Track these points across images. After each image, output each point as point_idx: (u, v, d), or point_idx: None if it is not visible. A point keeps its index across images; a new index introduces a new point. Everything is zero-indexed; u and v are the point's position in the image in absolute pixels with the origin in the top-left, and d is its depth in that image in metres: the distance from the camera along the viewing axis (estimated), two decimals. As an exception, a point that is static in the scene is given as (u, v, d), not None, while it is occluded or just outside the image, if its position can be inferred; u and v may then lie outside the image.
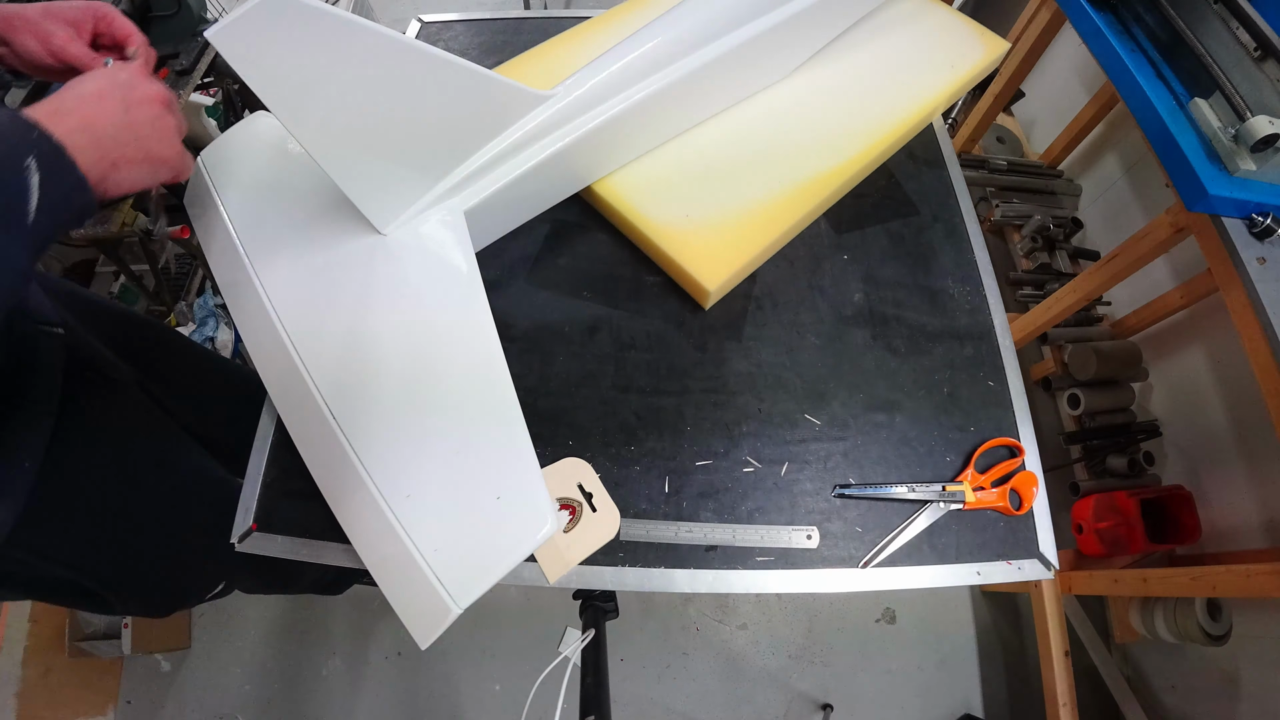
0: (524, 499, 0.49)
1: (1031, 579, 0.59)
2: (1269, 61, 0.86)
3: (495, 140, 0.62)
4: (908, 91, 0.81)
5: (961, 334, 0.70)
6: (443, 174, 0.61)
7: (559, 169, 0.67)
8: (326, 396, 0.54)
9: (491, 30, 0.97)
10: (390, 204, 0.60)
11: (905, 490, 0.61)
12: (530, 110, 0.63)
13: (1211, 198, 0.81)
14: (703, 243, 0.68)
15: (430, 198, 0.61)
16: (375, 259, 0.60)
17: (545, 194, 0.72)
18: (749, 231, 0.69)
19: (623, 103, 0.67)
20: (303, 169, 0.65)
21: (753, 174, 0.73)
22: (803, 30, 0.78)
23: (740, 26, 0.71)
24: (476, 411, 0.53)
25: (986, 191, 1.88)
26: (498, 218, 0.69)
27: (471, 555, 0.48)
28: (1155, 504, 1.29)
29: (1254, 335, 0.84)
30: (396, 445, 0.52)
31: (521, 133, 0.63)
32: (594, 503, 0.59)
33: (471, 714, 1.30)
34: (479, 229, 0.64)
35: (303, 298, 0.59)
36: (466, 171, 0.62)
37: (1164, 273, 1.51)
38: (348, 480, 0.52)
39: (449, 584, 0.46)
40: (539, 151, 0.65)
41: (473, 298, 0.58)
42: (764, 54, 0.76)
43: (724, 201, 0.71)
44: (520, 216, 0.72)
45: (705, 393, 0.65)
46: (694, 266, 0.66)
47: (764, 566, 0.58)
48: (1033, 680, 1.38)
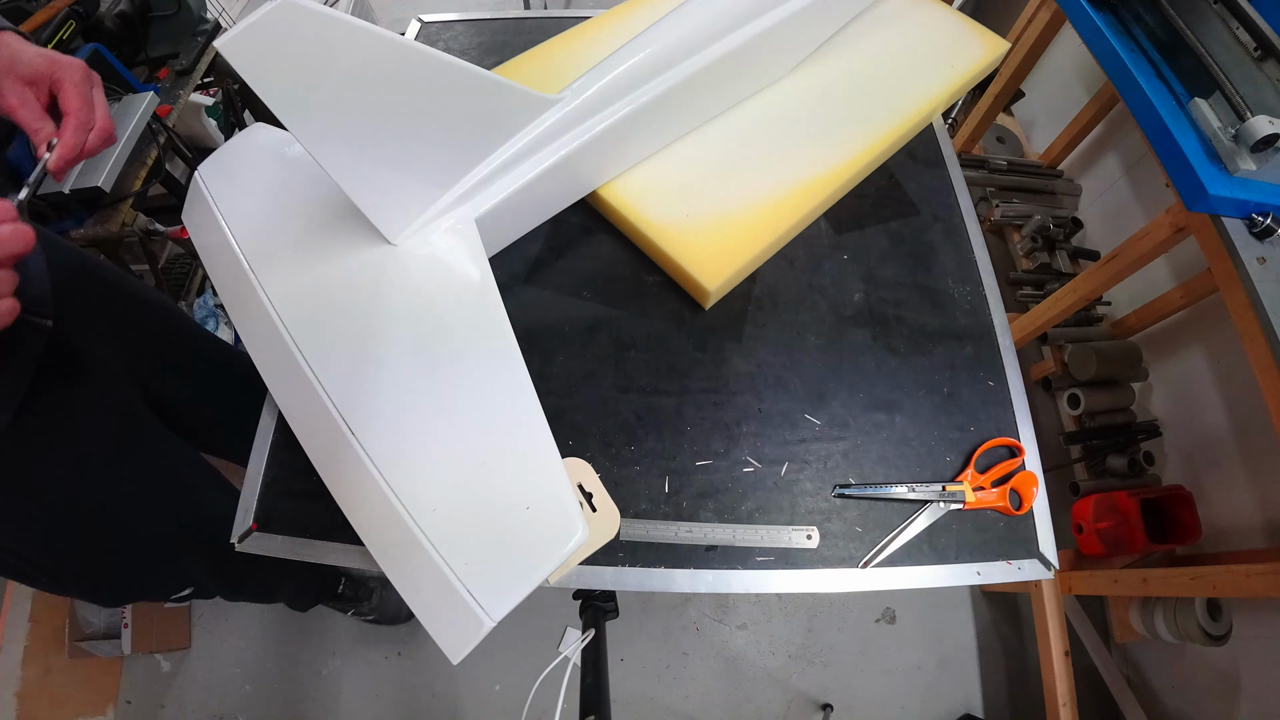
0: (553, 508, 0.48)
1: (1031, 579, 0.59)
2: (1269, 61, 0.87)
3: (505, 146, 0.62)
4: (908, 91, 0.81)
5: (961, 334, 0.70)
6: (453, 181, 0.60)
7: (569, 173, 0.67)
8: (343, 412, 0.53)
9: (491, 30, 0.97)
10: (401, 213, 0.59)
11: (905, 490, 0.61)
12: (539, 115, 0.63)
13: (1211, 198, 0.81)
14: (703, 243, 0.68)
15: (441, 205, 0.61)
16: (387, 269, 0.59)
17: (555, 199, 0.71)
18: (749, 231, 0.69)
19: (630, 105, 0.67)
20: (305, 180, 0.64)
21: (753, 174, 0.73)
22: (804, 27, 0.78)
23: (743, 26, 0.71)
24: (500, 421, 0.52)
25: (986, 191, 1.88)
26: (509, 224, 0.68)
27: (503, 567, 0.47)
28: (1155, 504, 1.29)
29: (1254, 335, 0.84)
30: (419, 459, 0.51)
31: (530, 137, 0.62)
32: (594, 503, 0.58)
33: (471, 714, 1.30)
34: (490, 236, 0.64)
35: (312, 311, 0.58)
36: (477, 178, 0.61)
37: (1164, 273, 1.51)
38: (371, 498, 0.50)
39: (481, 597, 0.45)
40: (548, 156, 0.64)
41: (489, 306, 0.57)
42: (768, 51, 0.76)
43: (724, 201, 0.71)
44: (530, 222, 0.72)
45: (705, 393, 0.65)
46: (694, 266, 0.66)
47: (764, 566, 0.58)
48: (1033, 680, 1.38)
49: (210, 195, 0.66)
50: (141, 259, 1.41)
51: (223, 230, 0.63)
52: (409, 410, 0.53)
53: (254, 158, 0.68)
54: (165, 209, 1.34)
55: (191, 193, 0.68)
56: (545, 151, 0.64)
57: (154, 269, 1.40)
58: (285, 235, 0.62)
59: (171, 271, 1.63)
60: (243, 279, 0.61)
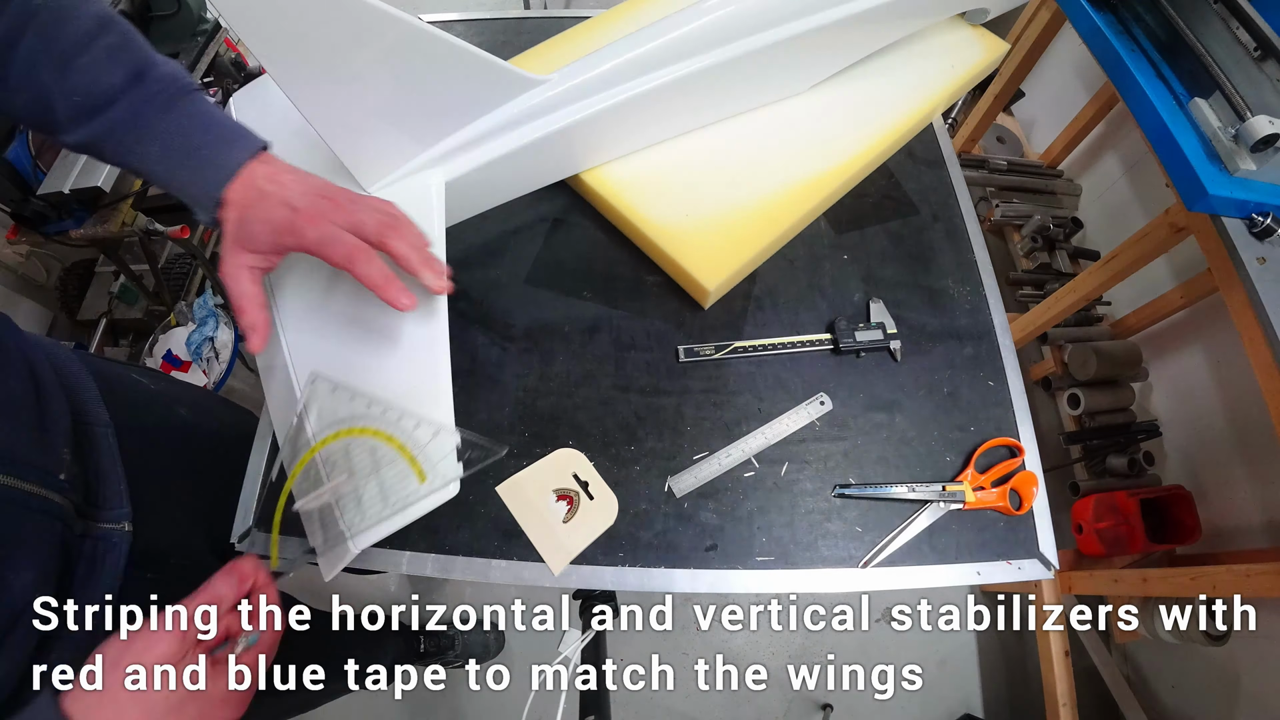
0: (436, 462, 0.50)
1: (1031, 579, 0.59)
2: (1269, 61, 0.86)
3: (485, 117, 0.63)
4: (908, 91, 0.81)
5: (961, 334, 0.70)
6: (431, 142, 0.62)
7: (545, 153, 0.68)
8: (286, 326, 0.57)
9: (491, 30, 0.97)
10: (376, 165, 0.61)
11: (905, 490, 0.61)
12: (523, 92, 0.64)
13: (1211, 198, 0.81)
14: (702, 242, 0.68)
15: (415, 164, 0.62)
16: None
17: (529, 177, 0.72)
18: (749, 231, 0.69)
19: (616, 97, 0.67)
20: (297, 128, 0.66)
21: (752, 173, 0.73)
22: (823, 47, 0.76)
23: (749, 36, 0.70)
24: (409, 370, 0.54)
25: (986, 191, 1.88)
26: (478, 193, 0.70)
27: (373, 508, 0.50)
28: (1155, 504, 1.29)
29: (1254, 335, 0.84)
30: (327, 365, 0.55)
31: (512, 113, 0.64)
32: (590, 491, 0.59)
33: (471, 714, 1.30)
34: (459, 202, 0.66)
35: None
36: (454, 144, 0.62)
37: (1164, 273, 1.52)
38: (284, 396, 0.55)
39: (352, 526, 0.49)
40: (527, 134, 0.65)
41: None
42: (774, 69, 0.75)
43: (724, 201, 0.71)
44: (500, 196, 0.72)
45: (705, 393, 0.65)
46: (694, 266, 0.66)
47: (764, 566, 0.58)
48: (1033, 680, 1.38)
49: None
50: (141, 259, 1.41)
51: None
52: (338, 342, 0.56)
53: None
54: (165, 209, 1.34)
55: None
56: (526, 128, 0.65)
57: (154, 269, 1.41)
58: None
59: (171, 271, 1.63)
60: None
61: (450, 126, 0.62)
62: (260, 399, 0.61)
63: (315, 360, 0.56)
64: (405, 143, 0.61)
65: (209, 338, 1.44)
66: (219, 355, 1.43)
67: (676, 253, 0.67)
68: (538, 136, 0.65)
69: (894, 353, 0.67)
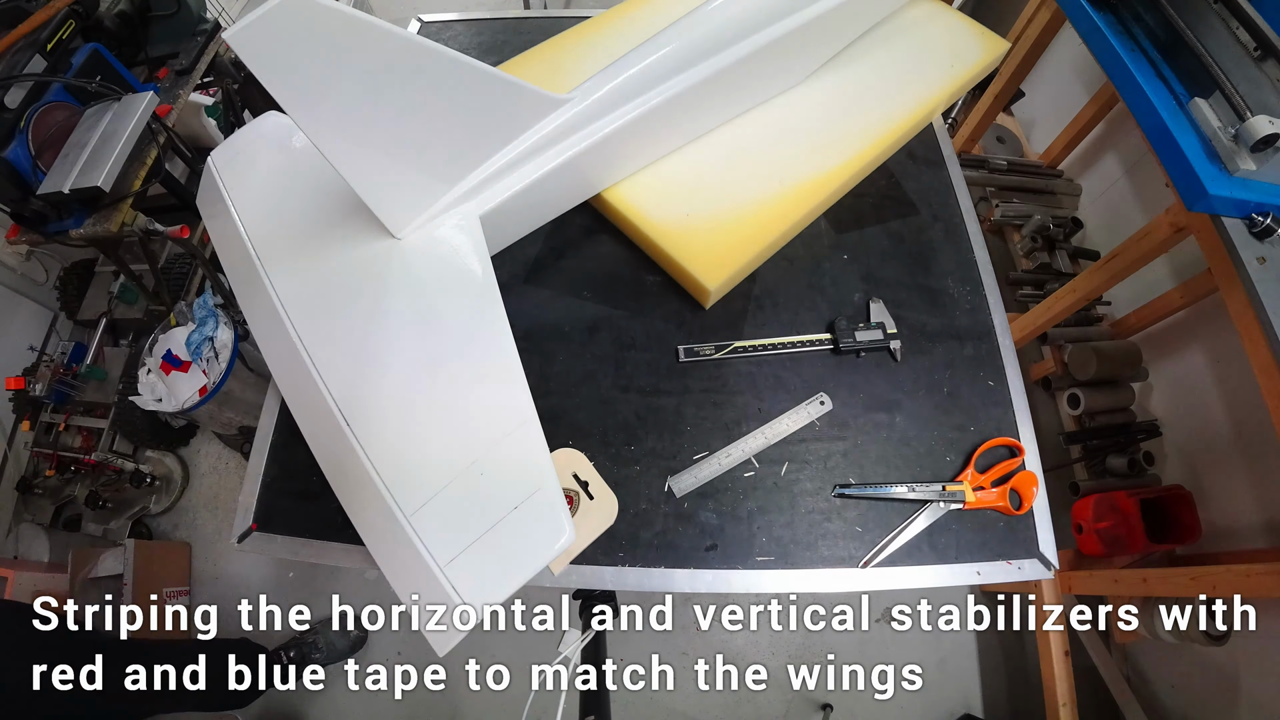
0: (542, 509, 0.49)
1: (1031, 579, 0.59)
2: (1269, 61, 0.86)
3: (512, 144, 0.62)
4: (908, 91, 0.81)
5: (961, 334, 0.70)
6: (459, 177, 0.60)
7: (576, 174, 0.67)
8: (341, 406, 0.53)
9: (491, 30, 0.97)
10: (405, 208, 0.59)
11: (905, 490, 0.61)
12: (548, 114, 0.62)
13: (1211, 198, 0.80)
14: (703, 242, 0.68)
15: (446, 201, 0.60)
16: (390, 263, 0.59)
17: (561, 199, 0.71)
18: (749, 231, 0.69)
19: (640, 108, 0.66)
20: (313, 169, 0.64)
21: (753, 174, 0.73)
22: (823, 33, 0.77)
23: (757, 32, 0.71)
24: (494, 421, 0.52)
25: (986, 191, 1.87)
26: (513, 222, 0.68)
27: (489, 566, 0.47)
28: (1155, 504, 1.29)
29: (1254, 335, 0.84)
30: (411, 454, 0.51)
31: (538, 136, 0.62)
32: (590, 490, 0.59)
33: (471, 714, 1.30)
34: (495, 234, 0.64)
35: (315, 302, 0.58)
36: (483, 175, 0.61)
37: (1164, 273, 1.51)
38: (363, 488, 0.51)
39: (466, 594, 0.46)
40: (556, 156, 0.64)
41: (489, 304, 0.57)
42: (780, 60, 0.76)
43: (724, 201, 0.71)
44: (535, 221, 0.72)
45: (705, 392, 0.65)
46: (694, 266, 0.66)
47: (764, 566, 0.58)
48: (1033, 680, 1.38)
49: (222, 183, 0.66)
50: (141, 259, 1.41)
51: (233, 218, 0.64)
52: (406, 407, 0.53)
53: (266, 145, 0.69)
54: (165, 209, 1.34)
55: (205, 179, 0.68)
56: (554, 151, 0.64)
57: (154, 269, 1.40)
58: (292, 226, 0.63)
59: (171, 271, 1.63)
60: (250, 269, 0.61)
61: (479, 157, 0.61)
62: (260, 399, 0.61)
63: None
64: (434, 181, 0.59)
65: (209, 337, 1.44)
66: (219, 355, 1.43)
67: (677, 252, 0.67)
68: (568, 157, 0.64)
69: (894, 353, 0.67)
